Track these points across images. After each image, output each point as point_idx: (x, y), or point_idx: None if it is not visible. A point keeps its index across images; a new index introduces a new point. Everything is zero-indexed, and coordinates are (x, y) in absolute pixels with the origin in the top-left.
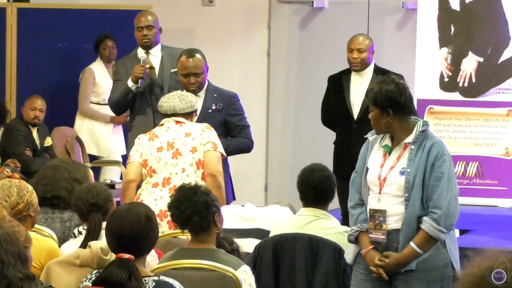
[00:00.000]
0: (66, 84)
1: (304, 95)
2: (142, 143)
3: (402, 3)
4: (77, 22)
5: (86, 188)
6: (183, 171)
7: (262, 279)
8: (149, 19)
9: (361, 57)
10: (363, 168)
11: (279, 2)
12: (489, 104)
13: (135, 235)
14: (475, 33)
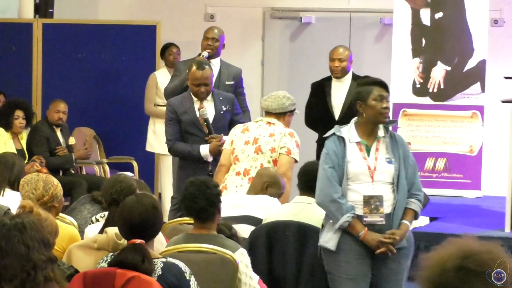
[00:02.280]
0: (85, 90)
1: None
2: (235, 133)
3: (379, 19)
4: (94, 35)
5: (112, 181)
6: (261, 166)
7: (257, 261)
8: (216, 32)
9: (341, 66)
10: (341, 162)
11: (272, 18)
12: (456, 108)
13: (144, 223)
14: (444, 45)
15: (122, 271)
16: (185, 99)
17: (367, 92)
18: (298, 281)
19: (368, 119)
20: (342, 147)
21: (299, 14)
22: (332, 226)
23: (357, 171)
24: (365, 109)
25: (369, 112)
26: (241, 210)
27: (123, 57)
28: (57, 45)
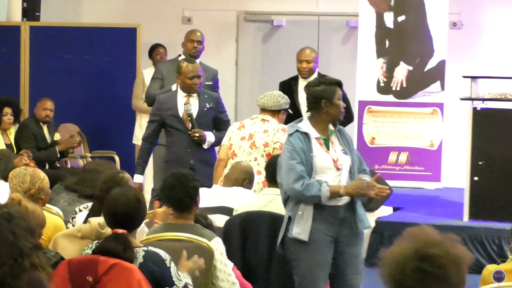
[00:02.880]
0: (70, 88)
1: None
2: (233, 130)
3: (346, 22)
4: (79, 37)
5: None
6: (255, 160)
7: (231, 249)
8: (199, 35)
9: (309, 66)
10: (308, 157)
11: (245, 21)
12: (417, 105)
13: (126, 214)
14: (406, 46)
15: (104, 259)
16: (172, 96)
17: (332, 92)
18: (270, 267)
19: (329, 116)
20: (307, 142)
21: (271, 17)
22: (302, 217)
23: (323, 165)
24: (330, 107)
25: (333, 110)
26: (217, 202)
27: (105, 58)
28: (43, 46)
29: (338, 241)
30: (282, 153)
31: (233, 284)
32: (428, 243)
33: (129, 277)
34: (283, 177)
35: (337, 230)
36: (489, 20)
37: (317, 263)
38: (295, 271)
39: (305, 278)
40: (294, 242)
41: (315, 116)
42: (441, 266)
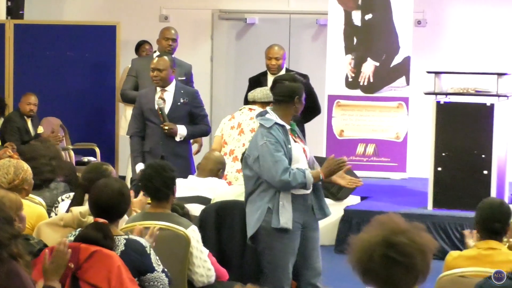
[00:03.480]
0: (53, 83)
1: (240, 91)
2: (224, 121)
3: (316, 20)
4: (61, 35)
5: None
6: (243, 145)
7: (206, 237)
8: (173, 33)
9: (277, 63)
10: (288, 149)
11: (219, 19)
12: (384, 99)
13: (109, 205)
14: (373, 43)
15: (86, 246)
16: (151, 90)
17: (302, 90)
18: (244, 254)
19: (296, 112)
20: (285, 134)
21: (244, 15)
22: (284, 207)
23: (297, 155)
24: (299, 103)
25: (300, 107)
26: (193, 192)
27: (86, 54)
28: (27, 43)
29: (304, 227)
30: (264, 145)
31: (208, 270)
32: (395, 231)
33: (109, 263)
34: (269, 169)
35: (304, 217)
36: (452, 18)
37: (290, 250)
38: (267, 259)
39: (278, 266)
40: (269, 231)
41: (284, 109)
42: (407, 254)
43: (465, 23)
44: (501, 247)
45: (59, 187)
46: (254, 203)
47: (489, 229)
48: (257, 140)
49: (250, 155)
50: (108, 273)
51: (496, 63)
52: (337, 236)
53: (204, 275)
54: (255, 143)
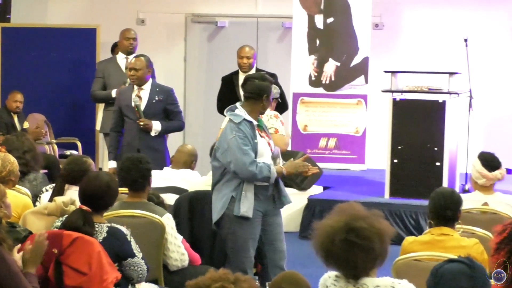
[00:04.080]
0: (38, 82)
1: (212, 90)
2: None
3: (281, 23)
4: (45, 37)
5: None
6: None
7: (180, 224)
8: (133, 33)
9: (248, 62)
10: (254, 143)
11: (192, 22)
12: (344, 96)
13: (94, 195)
14: (334, 44)
15: (68, 233)
16: (129, 88)
17: (270, 89)
18: (214, 240)
19: (264, 109)
20: (252, 130)
21: (215, 19)
22: (246, 196)
23: (263, 149)
24: (266, 102)
25: (267, 104)
26: (168, 182)
27: (68, 55)
28: (14, 45)
29: (266, 214)
30: (233, 139)
31: (182, 255)
32: (355, 217)
33: (90, 249)
34: (237, 160)
35: (265, 205)
36: (407, 22)
37: (252, 236)
38: (229, 244)
39: (240, 250)
40: (232, 218)
41: (252, 106)
42: (366, 237)
43: (419, 26)
44: (454, 233)
45: (38, 178)
46: (220, 191)
47: (442, 216)
48: (227, 134)
49: (220, 148)
50: (89, 258)
51: (448, 63)
52: (301, 223)
53: (178, 259)
54: (225, 136)
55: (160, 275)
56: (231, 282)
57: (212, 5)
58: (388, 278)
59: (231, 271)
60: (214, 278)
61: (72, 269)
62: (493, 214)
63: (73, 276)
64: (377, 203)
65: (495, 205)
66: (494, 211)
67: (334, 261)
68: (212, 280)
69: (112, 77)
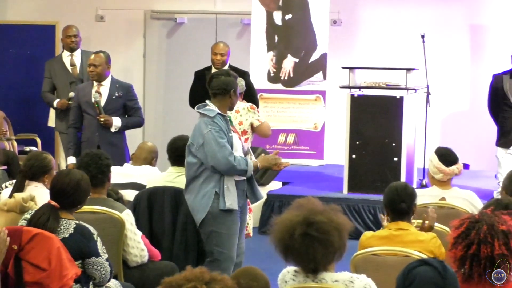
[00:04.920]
0: None
1: (170, 86)
2: None
3: (240, 19)
4: (4, 33)
5: (30, 156)
6: None
7: (140, 219)
8: (74, 30)
9: (222, 59)
10: (229, 137)
11: (151, 19)
12: (303, 92)
13: (63, 192)
14: (292, 41)
15: (28, 229)
16: (89, 84)
17: (236, 84)
18: (174, 235)
19: (232, 104)
20: (227, 124)
21: (174, 15)
22: (229, 190)
23: (236, 143)
24: (234, 97)
25: (235, 99)
26: (128, 179)
27: (28, 51)
28: None
29: (240, 210)
30: (209, 133)
31: (142, 251)
32: (314, 211)
33: (49, 245)
34: (214, 154)
35: (241, 200)
36: (364, 19)
37: (234, 232)
38: (214, 242)
39: (225, 247)
40: (215, 215)
41: (221, 103)
42: (325, 231)
43: (377, 23)
44: (410, 227)
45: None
46: (199, 189)
47: (397, 210)
48: (202, 129)
49: (194, 143)
50: (48, 254)
51: (405, 59)
52: (261, 218)
53: (138, 255)
54: (199, 131)
55: (120, 271)
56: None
57: (171, 2)
58: (347, 273)
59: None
60: (188, 277)
61: (31, 265)
62: (450, 209)
63: (33, 272)
64: (336, 198)
65: (453, 200)
66: (451, 206)
67: (293, 255)
68: (185, 279)
69: (58, 76)
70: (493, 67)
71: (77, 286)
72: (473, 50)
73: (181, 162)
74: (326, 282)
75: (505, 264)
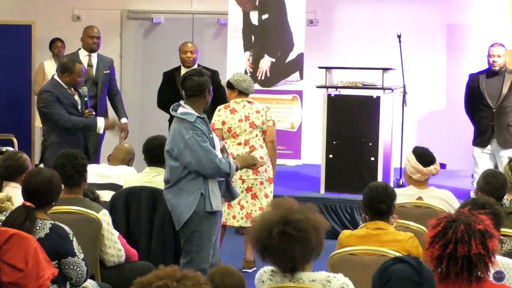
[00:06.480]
0: None
1: (147, 86)
2: (226, 115)
3: (217, 19)
4: None
5: (4, 157)
6: (256, 136)
7: (117, 219)
8: (96, 31)
9: (192, 57)
10: (210, 139)
11: (128, 18)
12: (280, 92)
13: (36, 191)
14: (269, 41)
15: (4, 229)
16: (56, 87)
17: (209, 83)
18: (151, 235)
19: (207, 104)
20: (207, 125)
21: (151, 15)
22: (213, 192)
23: (217, 144)
24: (208, 95)
25: (209, 99)
26: (106, 179)
27: (4, 51)
28: None
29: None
30: (191, 138)
31: (119, 251)
32: (291, 210)
33: (26, 245)
34: (199, 159)
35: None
36: (341, 18)
37: (215, 232)
38: (195, 242)
39: (204, 247)
40: (201, 215)
41: (196, 103)
42: (303, 229)
43: (353, 23)
44: (389, 227)
45: None
46: (183, 191)
47: (376, 210)
48: (183, 134)
49: (175, 149)
50: (25, 254)
51: (381, 59)
52: None
53: (115, 255)
54: (181, 136)
55: (97, 271)
56: (176, 280)
57: (148, 2)
58: (324, 272)
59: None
60: (159, 275)
61: (8, 266)
62: (427, 208)
63: (10, 273)
64: (313, 198)
65: (429, 199)
66: (428, 205)
67: (271, 255)
68: (156, 277)
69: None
70: (469, 66)
71: (54, 286)
72: (449, 49)
73: (157, 162)
74: (303, 282)
75: (482, 263)
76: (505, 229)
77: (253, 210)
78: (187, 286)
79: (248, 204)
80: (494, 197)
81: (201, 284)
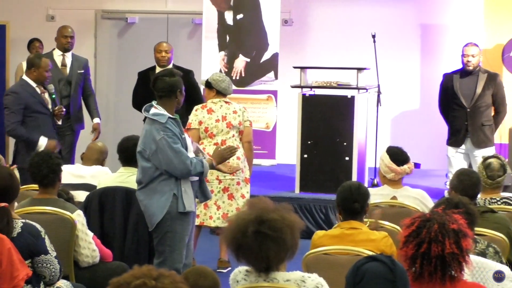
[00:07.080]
0: None
1: (121, 86)
2: (203, 115)
3: (191, 19)
4: None
5: None
6: (233, 136)
7: (91, 220)
8: (70, 31)
9: (167, 56)
10: (182, 139)
11: (102, 18)
12: (255, 92)
13: (3, 187)
14: (244, 40)
15: None
16: (24, 87)
17: (181, 83)
18: (125, 235)
19: (179, 104)
20: (179, 126)
21: (125, 15)
22: (186, 192)
23: (189, 144)
24: (180, 96)
25: (181, 99)
26: (80, 179)
27: None
28: None
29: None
30: (162, 139)
31: (93, 251)
32: (266, 210)
33: (0, 246)
34: (170, 160)
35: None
36: (315, 18)
37: (187, 233)
38: (167, 242)
39: (177, 248)
40: (173, 216)
41: (168, 104)
42: (278, 229)
43: (328, 23)
44: (362, 227)
45: None
46: (155, 191)
47: (350, 210)
48: (154, 135)
49: (147, 150)
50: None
51: (356, 59)
52: None
53: (89, 255)
54: (152, 137)
55: (71, 271)
56: (153, 278)
57: (122, 1)
58: (298, 272)
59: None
60: (136, 274)
61: None
62: (401, 208)
63: None
64: (288, 198)
65: (404, 198)
66: (402, 205)
67: (245, 254)
68: (134, 277)
69: None
70: (443, 66)
71: (28, 287)
72: (424, 49)
73: (132, 162)
74: (278, 282)
75: (456, 263)
76: (479, 229)
77: (229, 211)
78: (165, 284)
79: (224, 205)
80: (468, 196)
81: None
